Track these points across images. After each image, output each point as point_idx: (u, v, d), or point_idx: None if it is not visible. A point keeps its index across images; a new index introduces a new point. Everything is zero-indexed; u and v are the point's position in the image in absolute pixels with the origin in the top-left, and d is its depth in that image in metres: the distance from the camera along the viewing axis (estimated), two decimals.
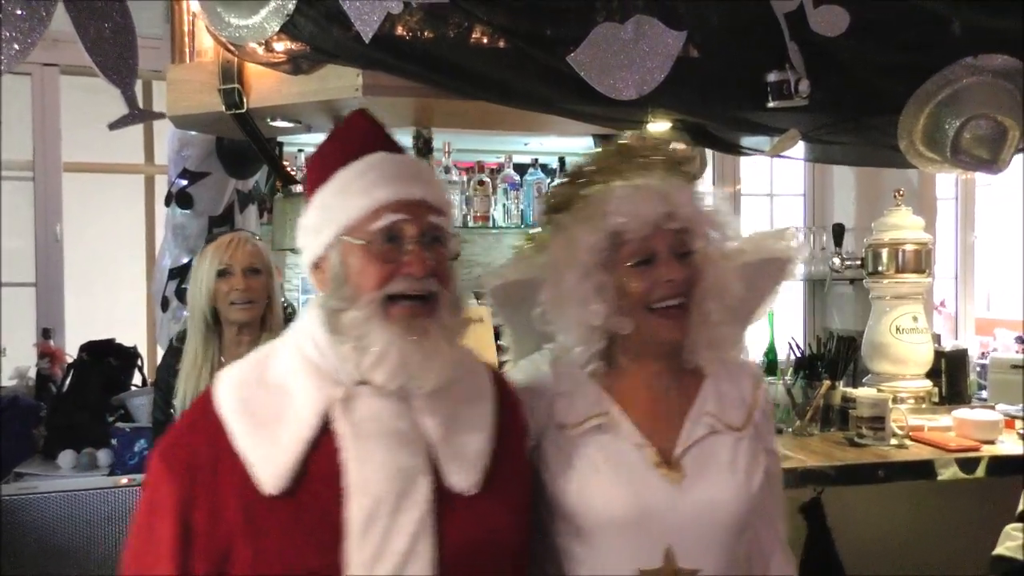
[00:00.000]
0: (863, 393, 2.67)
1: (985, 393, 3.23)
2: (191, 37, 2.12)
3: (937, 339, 3.27)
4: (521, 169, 3.40)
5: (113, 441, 2.87)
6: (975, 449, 2.45)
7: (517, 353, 1.48)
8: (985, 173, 1.97)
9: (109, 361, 3.13)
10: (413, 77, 1.69)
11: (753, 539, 1.33)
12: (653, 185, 1.28)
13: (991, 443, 2.49)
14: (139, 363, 3.26)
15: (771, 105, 1.75)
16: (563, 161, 3.26)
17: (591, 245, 1.27)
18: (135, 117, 1.47)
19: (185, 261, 3.07)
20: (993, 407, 2.84)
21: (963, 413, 2.63)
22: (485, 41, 1.66)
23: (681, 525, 1.23)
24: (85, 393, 3.02)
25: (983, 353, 3.56)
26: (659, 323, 1.26)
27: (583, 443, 1.28)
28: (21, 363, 3.27)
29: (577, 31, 1.63)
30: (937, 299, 3.86)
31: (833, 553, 2.50)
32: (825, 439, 2.63)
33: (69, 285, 3.56)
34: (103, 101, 1.78)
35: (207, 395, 1.15)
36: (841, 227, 3.49)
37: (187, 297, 2.28)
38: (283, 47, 1.70)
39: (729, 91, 1.80)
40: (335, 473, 1.07)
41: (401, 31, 1.60)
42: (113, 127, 1.51)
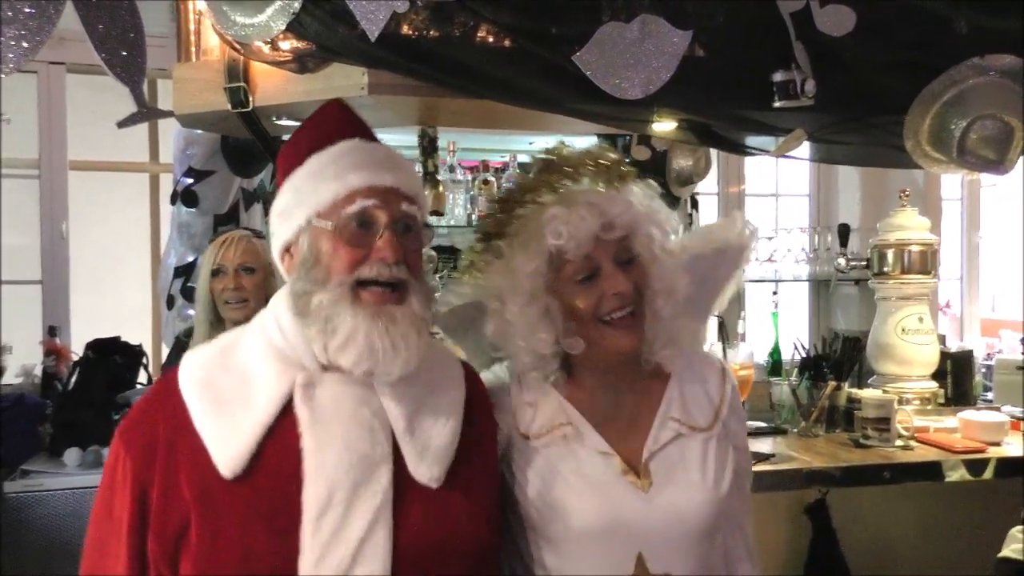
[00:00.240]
0: (868, 394, 2.67)
1: (991, 395, 3.22)
2: (197, 36, 2.12)
3: (942, 340, 3.27)
4: (526, 168, 3.40)
5: None
6: (981, 451, 2.44)
7: (476, 367, 1.44)
8: (991, 174, 1.96)
9: (115, 359, 3.14)
10: (418, 76, 1.69)
11: (722, 540, 1.32)
12: (585, 197, 1.26)
13: (997, 445, 2.49)
14: (144, 361, 3.27)
15: (777, 105, 1.75)
16: None
17: (532, 270, 1.25)
18: (143, 115, 1.47)
19: (190, 259, 3.07)
20: (999, 408, 2.83)
21: (969, 415, 2.63)
22: (491, 40, 1.65)
23: (651, 532, 1.23)
24: (91, 391, 3.03)
25: (988, 354, 3.55)
26: (613, 334, 1.25)
27: (548, 453, 1.27)
28: (27, 361, 3.28)
29: (582, 30, 1.63)
30: (942, 300, 3.85)
31: (838, 554, 2.50)
32: (830, 440, 2.63)
33: (75, 283, 3.57)
34: (109, 100, 1.78)
35: (172, 375, 1.14)
36: (846, 227, 3.49)
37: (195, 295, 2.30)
38: (289, 46, 1.70)
39: (735, 91, 1.80)
40: (293, 458, 1.06)
41: (407, 30, 1.60)
42: (122, 125, 1.52)
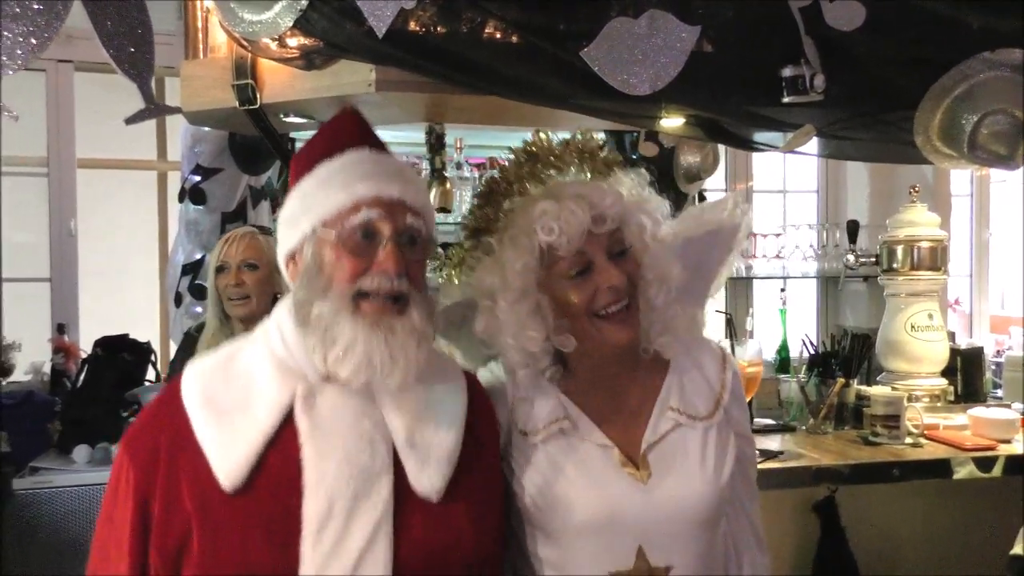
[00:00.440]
0: (878, 391, 2.65)
1: (1000, 391, 3.21)
2: (204, 33, 2.12)
3: (952, 337, 3.25)
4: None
5: None
6: (991, 448, 2.43)
7: (471, 366, 1.43)
8: (1002, 169, 1.95)
9: (123, 356, 3.15)
10: (425, 72, 1.69)
11: (732, 530, 1.32)
12: (572, 189, 1.25)
13: (1007, 442, 2.47)
14: (153, 358, 3.28)
15: (786, 100, 1.73)
16: None
17: (522, 267, 1.23)
18: (151, 112, 1.47)
19: (198, 257, 3.08)
20: (1009, 406, 2.81)
21: (979, 412, 2.61)
22: (498, 36, 1.65)
23: (651, 524, 1.22)
24: (99, 388, 3.05)
25: (998, 351, 3.53)
26: (608, 328, 1.23)
27: (547, 448, 1.26)
28: (36, 358, 3.29)
29: (590, 26, 1.62)
30: (951, 297, 3.83)
31: (847, 552, 2.49)
32: (839, 437, 2.61)
33: (83, 281, 3.58)
34: (117, 97, 1.79)
35: (175, 385, 1.14)
36: (855, 224, 3.47)
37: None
38: (296, 43, 1.69)
39: (743, 86, 1.79)
40: (294, 469, 1.06)
41: (414, 26, 1.59)
42: (129, 122, 1.52)
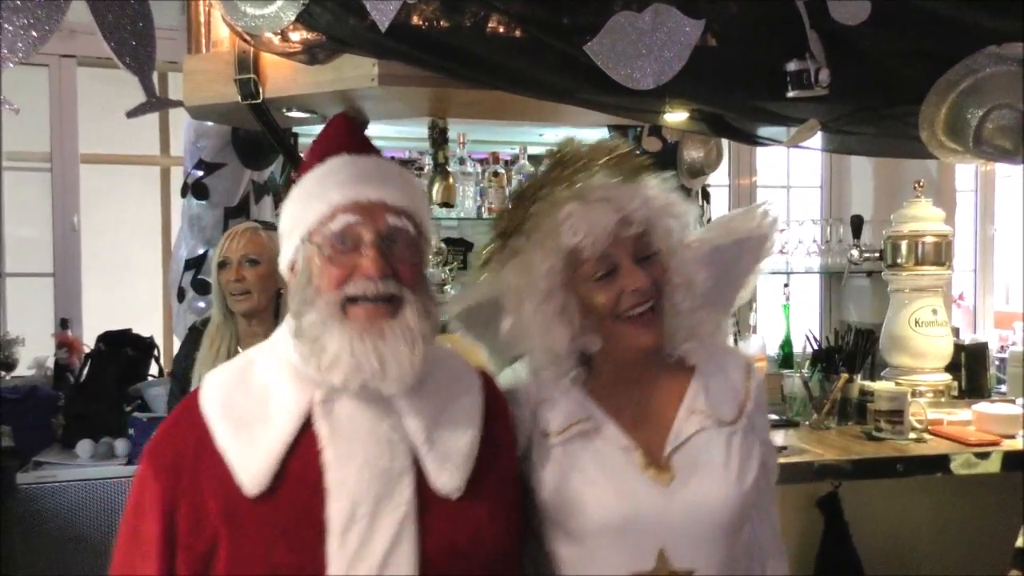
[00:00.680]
0: (881, 386, 2.65)
1: (1004, 387, 3.20)
2: (207, 27, 2.11)
3: (956, 332, 3.24)
4: (536, 161, 3.38)
5: (130, 431, 2.89)
6: (995, 443, 2.42)
7: (496, 367, 1.44)
8: (1008, 164, 1.95)
9: (126, 351, 3.16)
10: (429, 66, 1.68)
11: (751, 537, 1.31)
12: (600, 192, 1.24)
13: (1011, 437, 2.47)
14: (156, 353, 3.29)
15: (790, 94, 1.73)
16: None
17: (548, 268, 1.23)
18: (153, 105, 1.47)
19: (201, 252, 3.08)
20: (1013, 401, 2.81)
21: (983, 407, 2.61)
22: (501, 30, 1.64)
23: (673, 526, 1.21)
24: (102, 383, 3.05)
25: (1002, 347, 3.53)
26: (632, 331, 1.23)
27: (569, 449, 1.26)
28: (39, 353, 3.30)
29: (594, 20, 1.62)
30: (955, 292, 3.82)
31: (850, 547, 2.48)
32: (843, 433, 2.61)
33: (86, 276, 3.58)
34: (120, 92, 1.78)
35: (193, 395, 1.16)
36: (859, 219, 3.46)
37: None
38: (299, 37, 1.69)
39: (747, 80, 1.78)
40: (315, 474, 1.08)
41: (417, 20, 1.59)
42: (131, 115, 1.52)
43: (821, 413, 2.67)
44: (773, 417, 2.74)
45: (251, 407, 1.13)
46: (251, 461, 1.08)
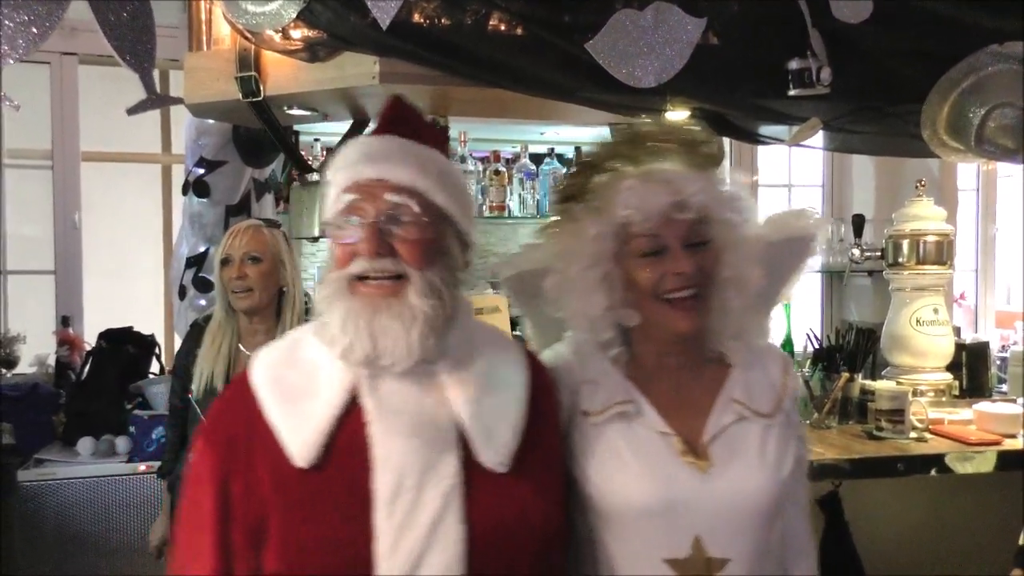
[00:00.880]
0: (882, 386, 2.64)
1: (1005, 386, 3.20)
2: (208, 25, 2.11)
3: (957, 332, 3.24)
4: (537, 159, 3.38)
5: (131, 428, 2.89)
6: (996, 443, 2.42)
7: (539, 343, 1.46)
8: (1009, 163, 1.94)
9: (127, 349, 3.15)
10: (430, 64, 1.69)
11: (788, 529, 1.31)
12: (662, 174, 1.24)
13: (1013, 437, 2.47)
14: (157, 351, 3.28)
15: (792, 93, 1.73)
16: (579, 151, 3.24)
17: (598, 235, 1.25)
18: (154, 102, 1.47)
19: (202, 250, 3.08)
20: (1015, 400, 2.80)
21: (984, 407, 2.60)
22: (502, 28, 1.64)
23: (709, 514, 1.22)
24: (103, 380, 3.05)
25: (1003, 346, 3.52)
26: (671, 313, 1.23)
27: (607, 431, 1.26)
28: (40, 350, 3.30)
29: (596, 18, 1.62)
30: (957, 291, 3.82)
31: (851, 546, 2.48)
32: (843, 432, 2.61)
33: (88, 273, 3.59)
34: (121, 90, 1.79)
35: (244, 374, 1.19)
36: (861, 218, 3.46)
37: None
38: (300, 34, 1.69)
39: (749, 79, 1.78)
40: (362, 446, 1.10)
41: (418, 18, 1.59)
42: (132, 112, 1.52)
43: (822, 412, 2.66)
44: None
45: (300, 382, 1.16)
46: (301, 434, 1.11)
